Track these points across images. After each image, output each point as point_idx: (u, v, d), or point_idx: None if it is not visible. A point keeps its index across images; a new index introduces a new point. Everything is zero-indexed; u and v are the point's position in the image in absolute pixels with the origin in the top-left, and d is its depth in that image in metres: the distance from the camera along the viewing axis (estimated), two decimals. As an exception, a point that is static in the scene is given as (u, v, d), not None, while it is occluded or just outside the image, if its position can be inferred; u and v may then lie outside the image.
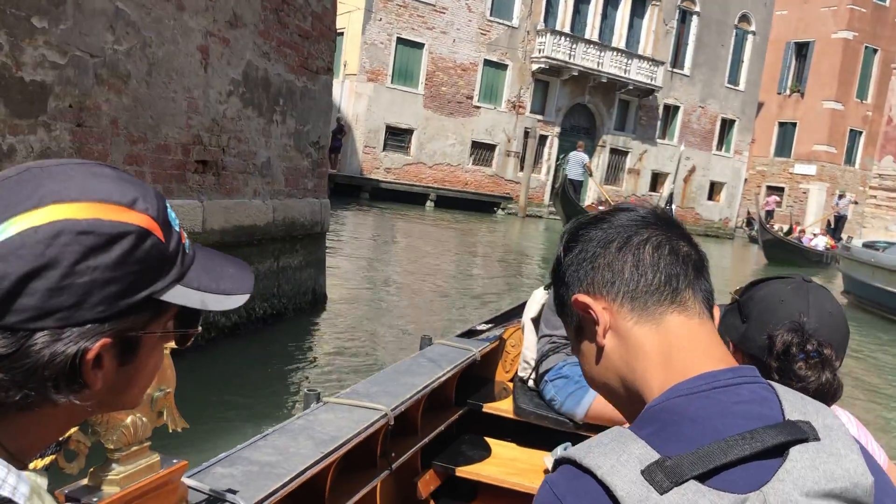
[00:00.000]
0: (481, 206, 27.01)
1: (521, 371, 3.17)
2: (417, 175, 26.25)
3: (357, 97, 24.96)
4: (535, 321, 3.19)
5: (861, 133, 39.33)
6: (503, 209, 27.58)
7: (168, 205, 0.72)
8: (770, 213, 31.19)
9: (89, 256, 0.63)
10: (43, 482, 0.68)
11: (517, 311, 3.55)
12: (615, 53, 29.53)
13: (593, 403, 2.79)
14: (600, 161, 30.64)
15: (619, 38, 30.26)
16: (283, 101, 5.94)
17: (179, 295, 0.71)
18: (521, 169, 28.01)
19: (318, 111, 6.80)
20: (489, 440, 2.89)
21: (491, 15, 27.09)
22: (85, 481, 1.22)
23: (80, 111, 3.85)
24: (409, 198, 24.94)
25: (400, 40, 25.39)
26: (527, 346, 3.16)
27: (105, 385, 0.67)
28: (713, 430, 0.74)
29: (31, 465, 0.69)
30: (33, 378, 0.62)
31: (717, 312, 0.92)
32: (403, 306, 8.79)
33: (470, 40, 26.76)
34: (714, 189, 35.17)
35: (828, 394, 1.32)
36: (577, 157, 23.19)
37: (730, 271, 19.55)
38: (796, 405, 0.79)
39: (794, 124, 39.34)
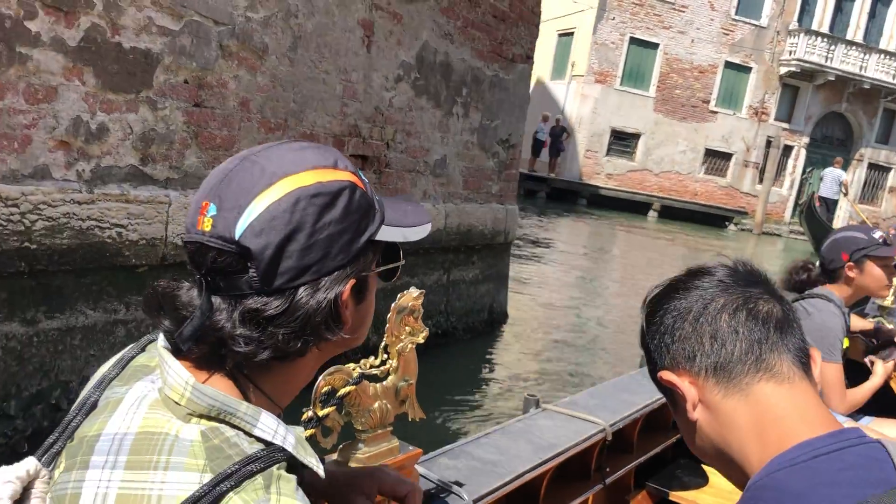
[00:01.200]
0: (710, 219, 24.85)
1: None
2: (641, 182, 24.68)
3: (583, 99, 23.91)
4: None
5: None
6: (736, 224, 25.20)
7: None
8: None
9: (324, 214, 0.74)
10: (304, 434, 0.80)
11: None
12: (883, 56, 25.93)
13: None
14: (855, 177, 27.13)
15: (888, 40, 26.55)
16: (467, 92, 5.16)
17: (387, 233, 0.83)
18: (760, 181, 25.43)
19: (512, 105, 5.95)
20: (707, 468, 2.72)
21: (737, 14, 24.83)
22: (335, 456, 1.32)
23: (198, 88, 3.35)
24: (630, 206, 23.48)
25: (633, 40, 23.98)
26: None
27: (352, 322, 0.79)
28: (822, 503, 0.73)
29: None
30: (308, 326, 0.75)
31: (816, 360, 0.90)
32: (606, 333, 7.75)
33: (710, 40, 24.70)
34: None
35: None
36: (834, 173, 21.54)
37: None
38: None
39: None
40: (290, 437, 0.74)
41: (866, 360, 3.05)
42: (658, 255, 15.33)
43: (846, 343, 2.85)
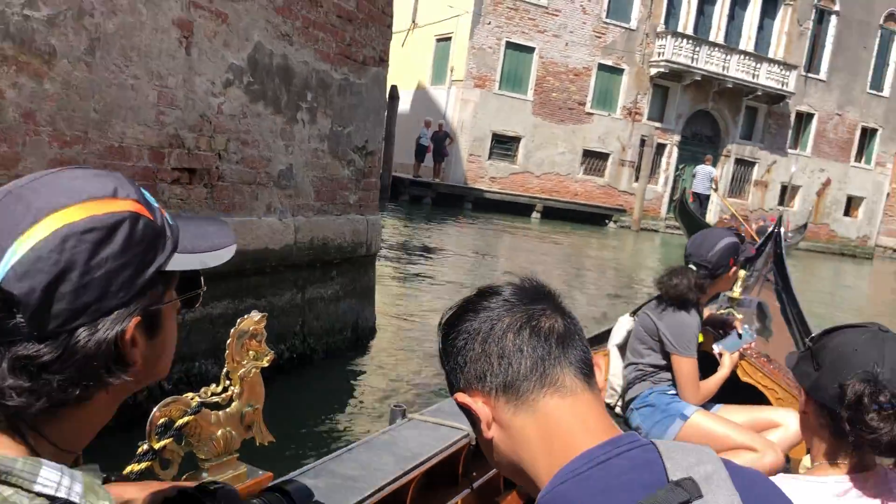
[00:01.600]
0: (591, 218, 25.40)
1: (607, 398, 3.18)
2: (524, 185, 24.95)
3: (463, 104, 23.95)
4: (622, 348, 3.19)
5: None
6: (615, 222, 25.86)
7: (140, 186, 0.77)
8: None
9: (98, 250, 0.69)
10: (97, 477, 0.76)
11: (605, 336, 3.40)
12: (743, 57, 27.26)
13: (680, 433, 2.80)
14: (724, 172, 28.36)
15: (747, 41, 27.94)
16: (313, 97, 4.78)
17: (181, 261, 0.78)
18: (637, 179, 26.21)
19: (366, 110, 5.61)
20: None
21: (607, 17, 25.51)
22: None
23: (-46, 100, 2.77)
24: (514, 209, 23.67)
25: (509, 45, 24.23)
26: (613, 372, 3.18)
27: (142, 359, 0.75)
28: None
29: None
30: (86, 370, 0.69)
31: (600, 366, 0.93)
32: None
33: (583, 44, 25.26)
34: (851, 204, 32.00)
35: None
36: (705, 170, 22.93)
37: (864, 298, 17.24)
38: (679, 462, 0.79)
39: (948, 134, 35.41)
40: (77, 486, 0.67)
41: (715, 352, 3.16)
42: (542, 254, 15.41)
43: (701, 338, 3.00)
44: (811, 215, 30.11)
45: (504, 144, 24.85)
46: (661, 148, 27.12)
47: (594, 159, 26.21)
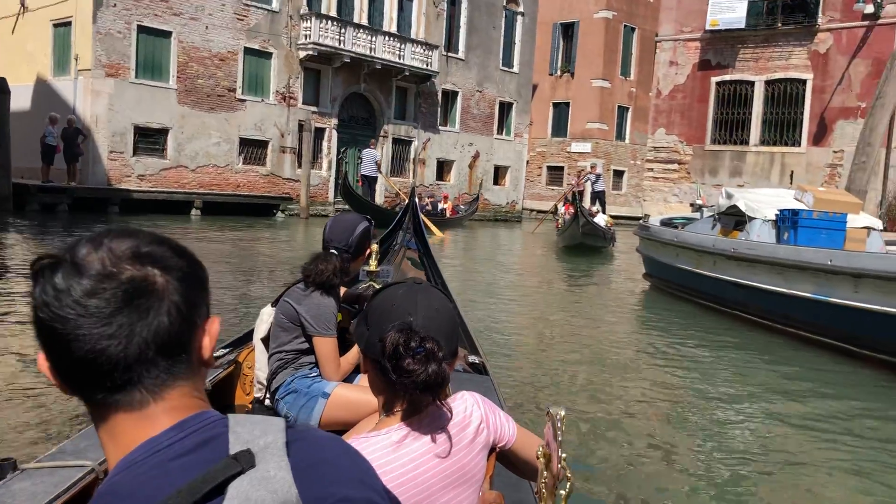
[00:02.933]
0: (258, 209, 24.32)
1: (256, 392, 3.24)
2: (178, 181, 23.04)
3: (95, 96, 21.31)
4: (266, 341, 3.22)
5: (628, 109, 40.81)
6: (283, 211, 25.08)
7: None
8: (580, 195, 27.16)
9: None
10: None
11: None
12: (387, 38, 27.88)
13: (324, 412, 2.90)
14: (384, 152, 28.91)
15: (389, 22, 28.65)
16: None
17: None
18: (300, 166, 25.58)
19: None
20: None
21: (247, -2, 24.33)
22: None
23: None
24: (171, 207, 21.76)
25: (141, 28, 22.03)
26: (258, 366, 3.23)
27: None
28: (146, 500, 0.74)
29: None
30: None
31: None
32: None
33: (226, 26, 23.89)
34: (499, 174, 34.72)
35: (435, 383, 1.43)
36: (370, 153, 24.42)
37: (518, 256, 18.52)
38: (241, 435, 0.80)
39: (568, 104, 40.07)
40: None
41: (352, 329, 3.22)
42: (203, 254, 13.99)
43: (339, 317, 3.10)
44: (480, 187, 32.03)
45: (150, 138, 22.65)
46: (320, 132, 26.80)
47: (253, 148, 25.08)
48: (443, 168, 32.00)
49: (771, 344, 8.00)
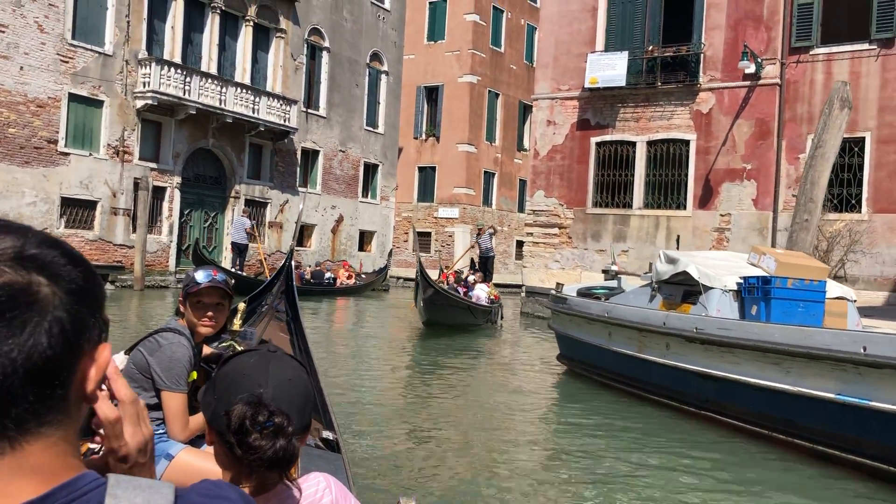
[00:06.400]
0: (80, 281, 20.55)
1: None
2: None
3: None
4: None
5: (494, 174, 39.87)
6: (113, 283, 21.48)
7: None
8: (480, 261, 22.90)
9: None
10: None
11: None
12: (240, 89, 25.23)
13: (164, 475, 2.75)
14: (234, 216, 25.91)
15: (242, 73, 26.07)
16: None
17: None
18: (135, 230, 22.16)
19: None
20: None
21: (74, 38, 21.15)
22: None
23: None
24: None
25: (-65, 64, 18.30)
26: None
27: None
28: None
29: None
30: None
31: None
32: None
33: (46, 68, 20.49)
34: (364, 238, 32.37)
35: (283, 459, 1.37)
36: (241, 221, 23.27)
37: (383, 345, 16.07)
38: (122, 500, 0.66)
39: (434, 168, 38.64)
40: None
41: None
42: None
43: (194, 375, 3.01)
44: (347, 254, 29.47)
45: (-56, 196, 18.71)
46: (160, 192, 23.55)
47: (78, 209, 21.48)
48: (303, 232, 29.29)
49: (773, 463, 5.90)
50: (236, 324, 3.69)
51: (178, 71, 23.14)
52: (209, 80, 24.15)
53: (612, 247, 17.76)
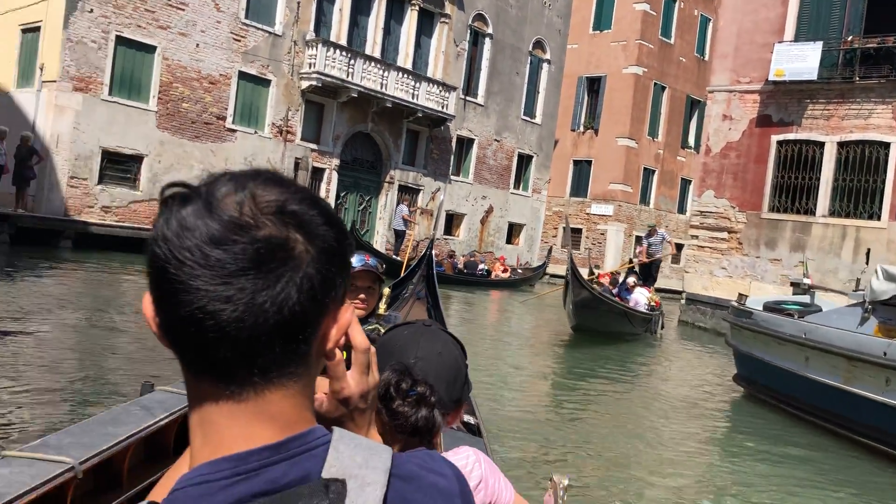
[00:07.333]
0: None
1: None
2: (151, 216, 19.86)
3: (58, 111, 18.38)
4: None
5: (654, 171, 38.04)
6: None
7: None
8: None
9: None
10: None
11: None
12: (401, 74, 25.10)
13: None
14: (388, 201, 25.91)
15: (405, 58, 25.94)
16: None
17: None
18: (292, 209, 22.45)
19: None
20: None
21: (247, 17, 21.66)
22: None
23: None
24: (135, 246, 18.52)
25: (121, 40, 19.25)
26: None
27: None
28: None
29: None
30: None
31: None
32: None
33: (219, 46, 21.10)
34: (513, 231, 31.65)
35: (424, 428, 1.39)
36: (400, 209, 24.40)
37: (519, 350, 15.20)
38: (343, 455, 0.68)
39: (590, 162, 37.29)
40: None
41: None
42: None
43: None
44: (507, 246, 29.02)
45: (121, 165, 19.67)
46: (318, 173, 23.86)
47: (241, 185, 22.01)
48: (452, 221, 28.97)
49: None
50: (382, 308, 3.68)
51: (343, 53, 23.27)
52: (372, 64, 24.16)
53: (805, 258, 16.02)
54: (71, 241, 17.50)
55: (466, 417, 3.55)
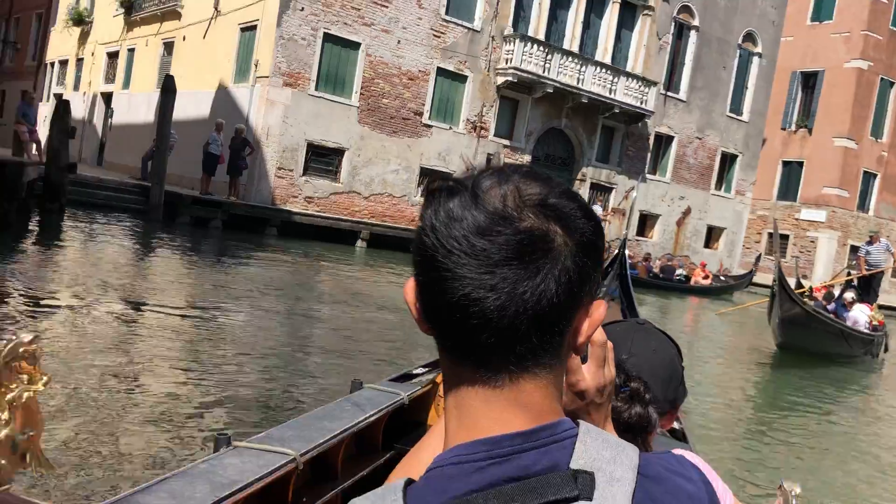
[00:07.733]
0: (430, 248, 21.39)
1: None
2: (349, 207, 20.68)
3: (270, 105, 19.45)
4: None
5: (876, 176, 34.49)
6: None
7: None
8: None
9: None
10: None
11: None
12: (599, 69, 24.34)
13: None
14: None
15: (603, 52, 25.13)
16: None
17: None
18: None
19: None
20: None
21: (447, 13, 21.86)
22: None
23: None
24: (334, 235, 19.28)
25: (328, 37, 20.03)
26: None
27: None
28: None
29: None
30: None
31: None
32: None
33: (420, 42, 21.44)
34: (712, 235, 29.86)
35: (638, 426, 1.37)
36: (594, 209, 25.73)
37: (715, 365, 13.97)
38: (590, 449, 0.69)
39: (801, 163, 34.43)
40: None
41: None
42: (356, 293, 11.04)
43: None
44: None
45: (324, 158, 20.52)
46: (510, 169, 23.63)
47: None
48: (645, 222, 27.79)
49: None
50: None
51: (540, 48, 22.89)
52: (569, 59, 23.60)
53: None
54: (276, 229, 18.46)
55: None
